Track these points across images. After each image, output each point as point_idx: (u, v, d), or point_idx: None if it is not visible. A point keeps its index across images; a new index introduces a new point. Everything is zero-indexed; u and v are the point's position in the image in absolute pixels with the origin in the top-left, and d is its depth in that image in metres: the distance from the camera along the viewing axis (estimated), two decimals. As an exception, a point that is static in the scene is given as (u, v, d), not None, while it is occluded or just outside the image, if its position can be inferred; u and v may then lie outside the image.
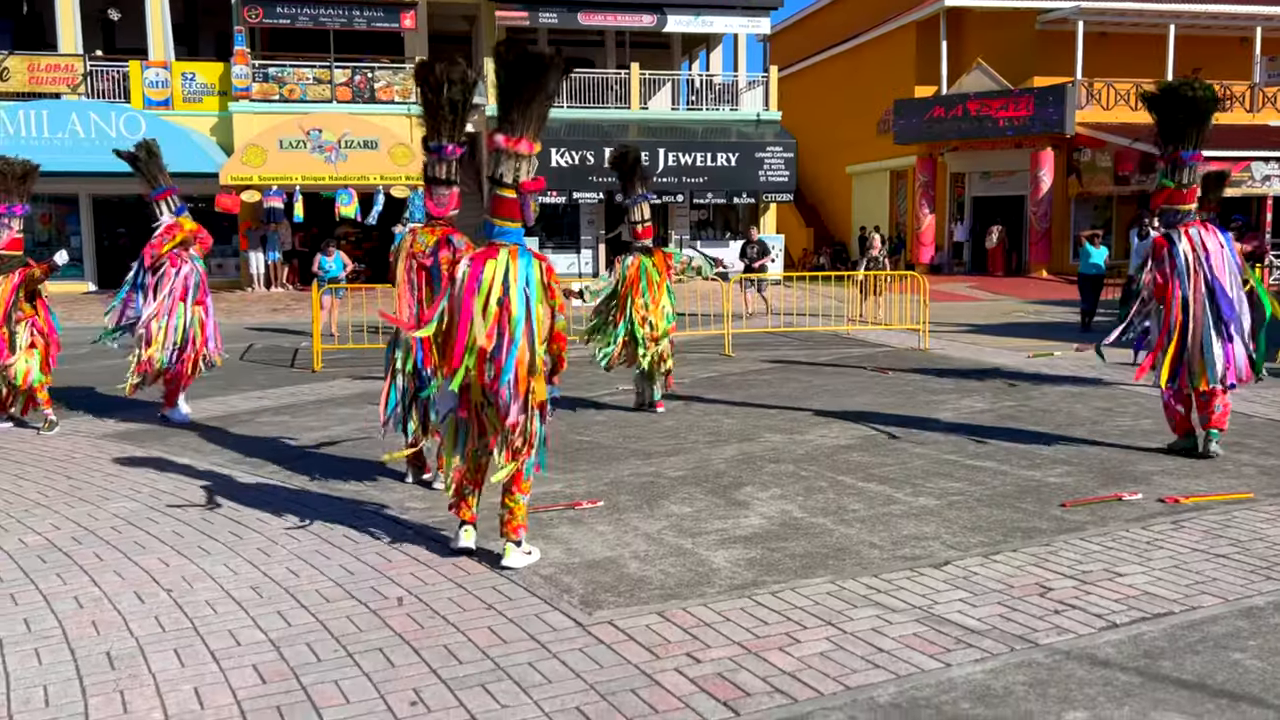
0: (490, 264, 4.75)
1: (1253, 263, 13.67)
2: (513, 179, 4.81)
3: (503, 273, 4.74)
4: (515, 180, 4.81)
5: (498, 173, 4.82)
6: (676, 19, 26.48)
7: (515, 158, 4.82)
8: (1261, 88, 28.62)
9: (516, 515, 4.85)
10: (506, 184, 4.80)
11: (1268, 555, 4.84)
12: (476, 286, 4.71)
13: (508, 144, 4.82)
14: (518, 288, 4.73)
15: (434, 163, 6.11)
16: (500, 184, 4.81)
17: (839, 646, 3.86)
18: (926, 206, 28.81)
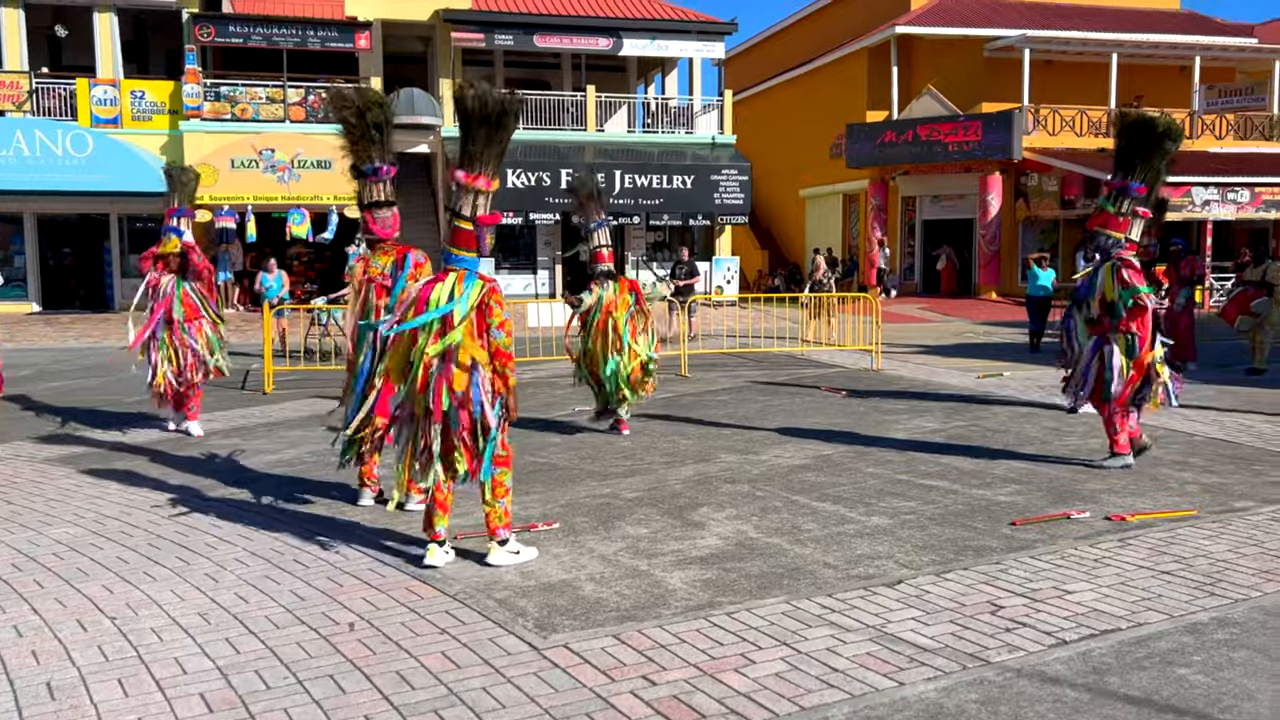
0: (439, 286, 5.07)
1: (1192, 286, 14.01)
2: (470, 212, 5.14)
3: (448, 293, 5.04)
4: (473, 214, 5.15)
5: (457, 205, 5.15)
6: (632, 42, 26.69)
7: (473, 193, 5.16)
8: (1200, 115, 29.44)
9: (491, 519, 5.14)
10: (464, 216, 5.14)
11: (1210, 572, 4.94)
12: (425, 307, 5.02)
13: (467, 180, 5.14)
14: (460, 309, 4.99)
15: (370, 186, 6.20)
16: (459, 216, 5.14)
17: (794, 667, 3.87)
18: (879, 229, 29.19)
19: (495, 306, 5.05)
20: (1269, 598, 4.57)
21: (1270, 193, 27.02)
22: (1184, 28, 30.70)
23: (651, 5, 27.70)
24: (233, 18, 24.05)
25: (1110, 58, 28.31)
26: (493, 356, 5.05)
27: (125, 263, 24.31)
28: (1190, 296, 13.84)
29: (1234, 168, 27.26)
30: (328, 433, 8.08)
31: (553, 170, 25.18)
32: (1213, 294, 25.05)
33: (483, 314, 5.04)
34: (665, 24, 26.87)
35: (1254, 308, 12.92)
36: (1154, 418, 9.47)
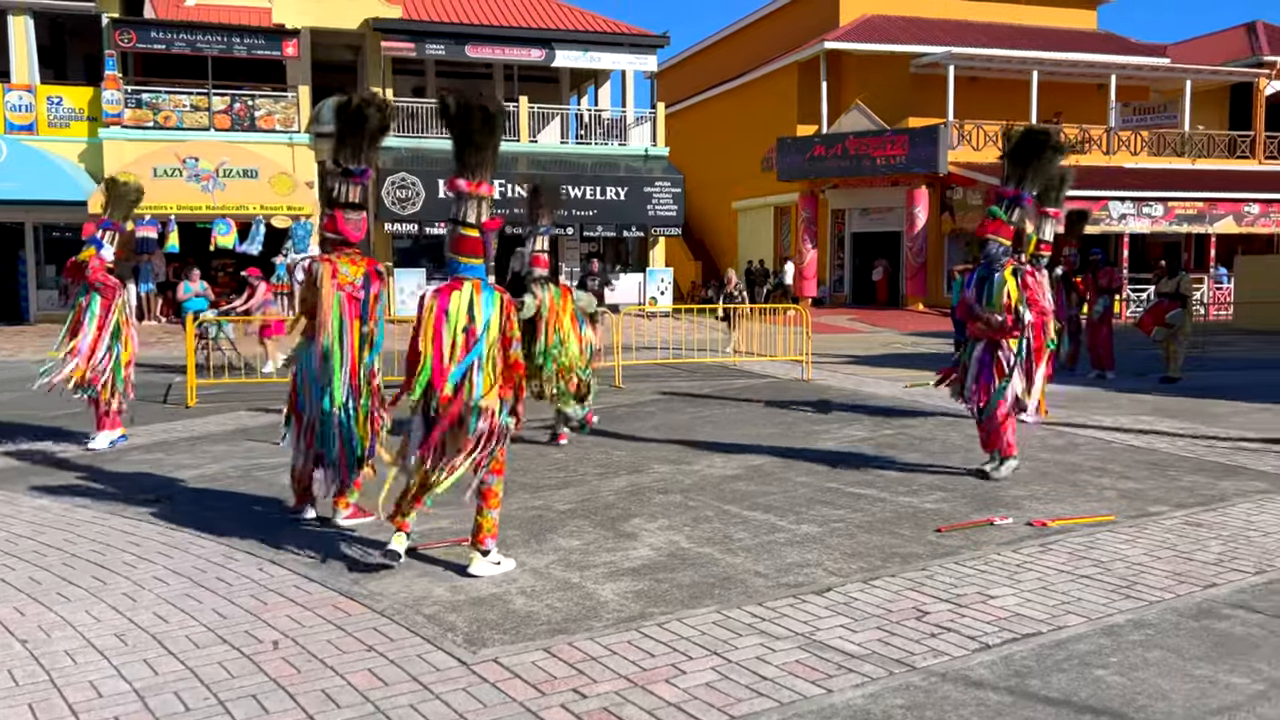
0: (456, 295, 5.13)
1: (1111, 296, 14.44)
2: (476, 219, 5.22)
3: (467, 304, 5.11)
4: (478, 220, 5.22)
5: (461, 214, 5.22)
6: (565, 54, 26.71)
7: (477, 199, 5.23)
8: (1116, 132, 30.41)
9: (483, 527, 5.18)
10: (470, 224, 5.21)
11: (1127, 575, 5.08)
12: (445, 317, 5.07)
13: (470, 188, 5.21)
14: (482, 320, 5.09)
15: (349, 186, 6.11)
16: (464, 224, 5.20)
17: (724, 676, 3.89)
18: (809, 242, 29.59)
19: (513, 320, 5.21)
20: (1182, 600, 4.71)
21: (1182, 207, 28.02)
22: (1101, 47, 31.72)
23: (584, 17, 27.77)
24: (155, 23, 23.51)
25: (1031, 75, 29.11)
26: (508, 370, 5.17)
27: (41, 273, 23.57)
28: (1109, 306, 14.27)
29: (1148, 183, 28.21)
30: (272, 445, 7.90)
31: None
32: (1130, 305, 25.85)
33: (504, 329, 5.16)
34: (598, 36, 26.95)
35: (1169, 319, 13.36)
36: (1074, 425, 9.74)
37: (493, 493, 5.22)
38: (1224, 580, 4.98)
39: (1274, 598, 4.73)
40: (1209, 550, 5.50)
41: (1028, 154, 7.29)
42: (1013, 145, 7.33)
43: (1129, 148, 30.43)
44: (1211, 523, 6.09)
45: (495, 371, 5.11)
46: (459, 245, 5.21)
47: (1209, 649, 4.12)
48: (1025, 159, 7.30)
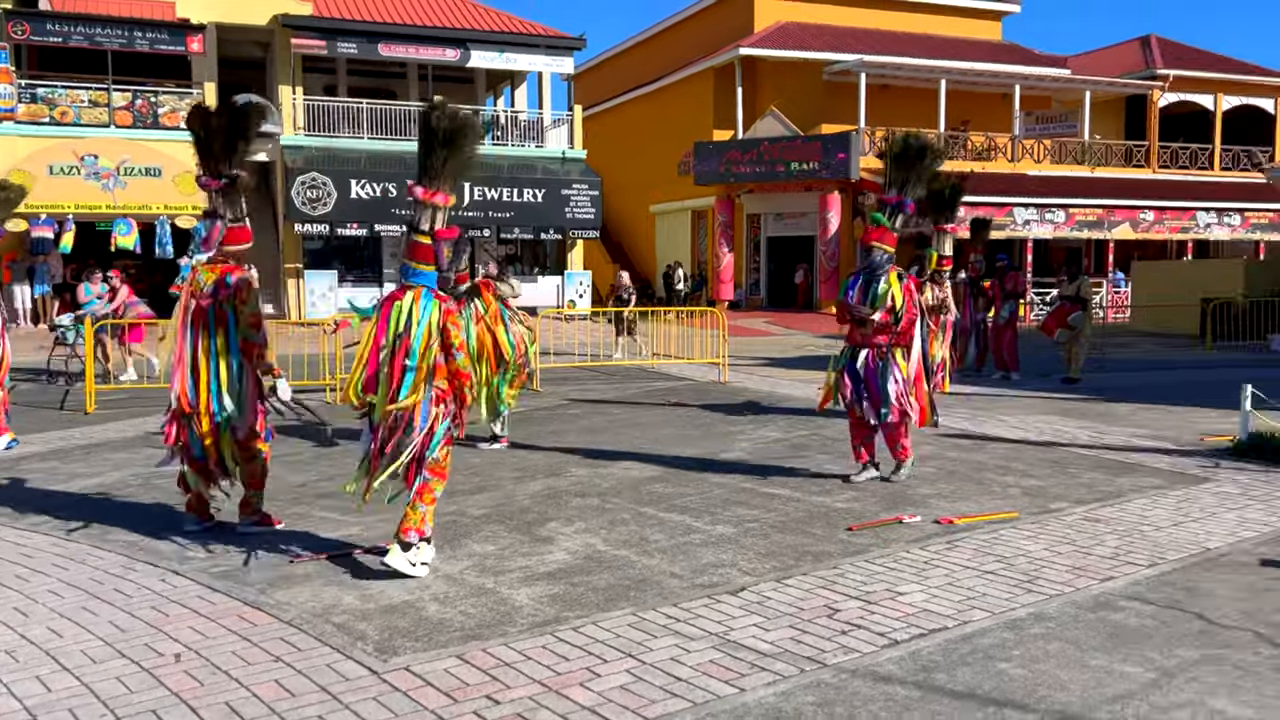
0: (397, 304, 5.18)
1: (1016, 300, 14.89)
2: (429, 227, 5.25)
3: (406, 311, 5.14)
4: (431, 228, 5.24)
5: (416, 221, 5.25)
6: (480, 55, 26.51)
7: (432, 208, 5.27)
8: (1021, 140, 31.40)
9: (409, 518, 5.16)
10: (423, 231, 5.24)
11: (1029, 570, 5.24)
12: (386, 325, 5.13)
13: (425, 196, 5.25)
14: (418, 327, 5.10)
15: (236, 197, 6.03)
16: (417, 230, 5.25)
17: (638, 678, 3.89)
18: (726, 245, 29.87)
19: (452, 329, 5.18)
20: (1080, 593, 4.87)
21: (1083, 214, 29.05)
22: (1005, 58, 32.71)
23: (500, 18, 27.59)
24: (51, 15, 22.63)
25: (940, 84, 29.87)
26: (451, 378, 5.18)
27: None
28: (1014, 310, 14.70)
29: (1051, 190, 29.20)
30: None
31: (399, 181, 24.69)
32: (1034, 308, 26.69)
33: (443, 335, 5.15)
34: (513, 37, 26.81)
35: (1071, 321, 13.83)
36: (980, 425, 10.02)
37: (428, 489, 5.22)
38: (1120, 574, 5.16)
39: (1166, 590, 4.92)
40: (1106, 545, 5.70)
41: (908, 161, 7.36)
42: (894, 152, 7.42)
43: (1032, 156, 31.44)
44: (1109, 518, 6.32)
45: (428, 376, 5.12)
46: (411, 251, 5.28)
47: (1105, 640, 4.26)
48: (906, 166, 7.36)
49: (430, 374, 5.13)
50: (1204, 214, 30.52)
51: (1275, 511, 6.45)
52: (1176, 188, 31.51)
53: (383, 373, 5.12)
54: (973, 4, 34.86)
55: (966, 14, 34.71)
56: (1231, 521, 6.20)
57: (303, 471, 8.01)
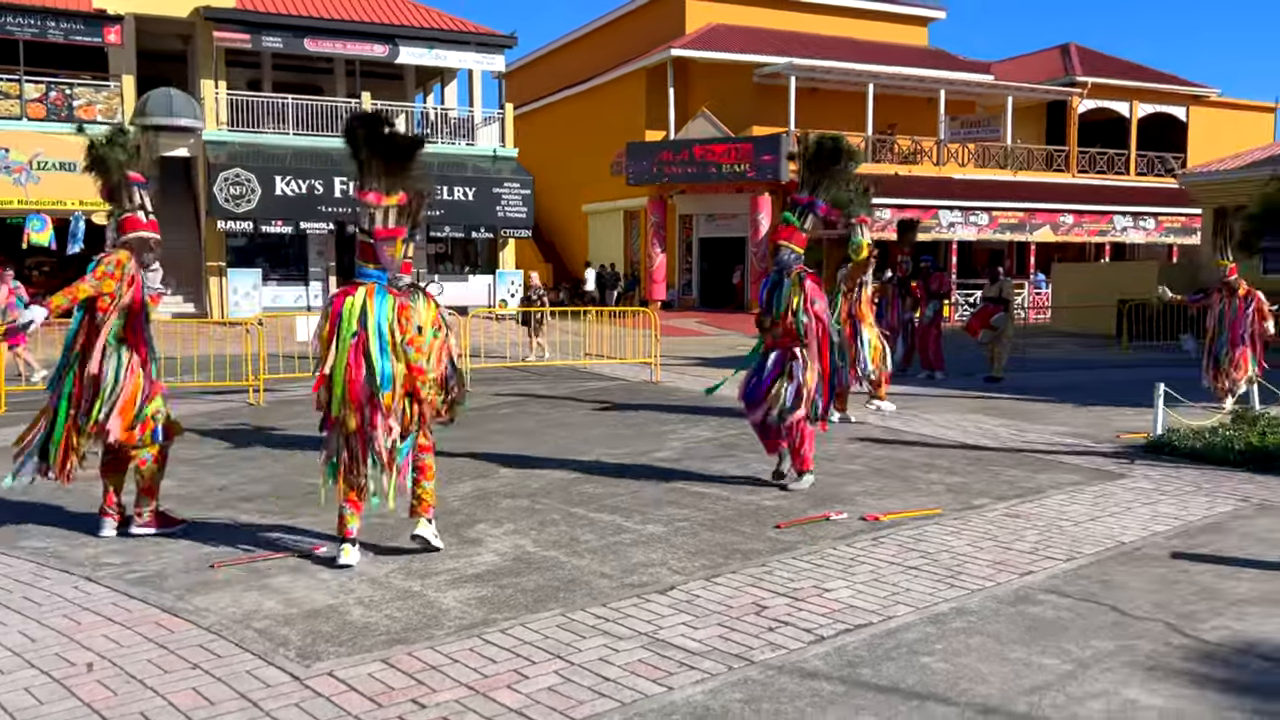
0: (348, 300, 5.30)
1: (940, 300, 15.19)
2: (368, 226, 5.39)
3: (360, 308, 5.27)
4: (370, 228, 5.39)
5: (364, 224, 5.40)
6: (409, 51, 26.19)
7: (384, 209, 5.39)
8: (946, 144, 32.05)
9: (425, 499, 5.54)
10: (365, 231, 5.41)
11: (952, 565, 5.34)
12: (338, 321, 5.26)
13: (378, 200, 5.37)
14: (374, 322, 5.25)
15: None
16: (363, 231, 5.41)
17: (567, 679, 3.87)
18: (658, 246, 29.96)
19: (404, 323, 5.34)
20: (1001, 587, 4.98)
21: (1005, 216, 29.75)
22: (931, 63, 33.35)
23: (430, 15, 27.28)
24: (-42, 2, 21.80)
25: (868, 88, 30.33)
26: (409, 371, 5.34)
27: None
28: (938, 310, 15.00)
29: (975, 193, 29.85)
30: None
31: (325, 178, 24.31)
32: (958, 309, 27.26)
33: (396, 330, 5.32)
34: (443, 34, 26.53)
35: (993, 322, 14.15)
36: (906, 423, 10.19)
37: (429, 466, 5.60)
38: (1039, 568, 5.29)
39: (1082, 583, 5.06)
40: (1026, 540, 5.83)
41: (821, 162, 7.34)
42: (807, 154, 7.41)
43: (957, 159, 32.11)
44: (1029, 514, 6.47)
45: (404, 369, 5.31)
46: (362, 252, 5.42)
47: (1024, 633, 4.37)
48: (819, 167, 7.33)
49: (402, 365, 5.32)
50: (1120, 218, 31.48)
51: (1185, 506, 6.67)
52: (1094, 192, 32.45)
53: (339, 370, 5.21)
54: (899, 10, 35.49)
55: (893, 19, 35.33)
56: (1145, 516, 6.40)
57: (225, 474, 7.82)
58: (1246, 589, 4.96)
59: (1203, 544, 5.76)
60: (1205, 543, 5.79)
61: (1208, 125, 36.12)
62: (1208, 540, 5.84)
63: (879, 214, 27.00)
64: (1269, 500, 6.82)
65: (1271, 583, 5.05)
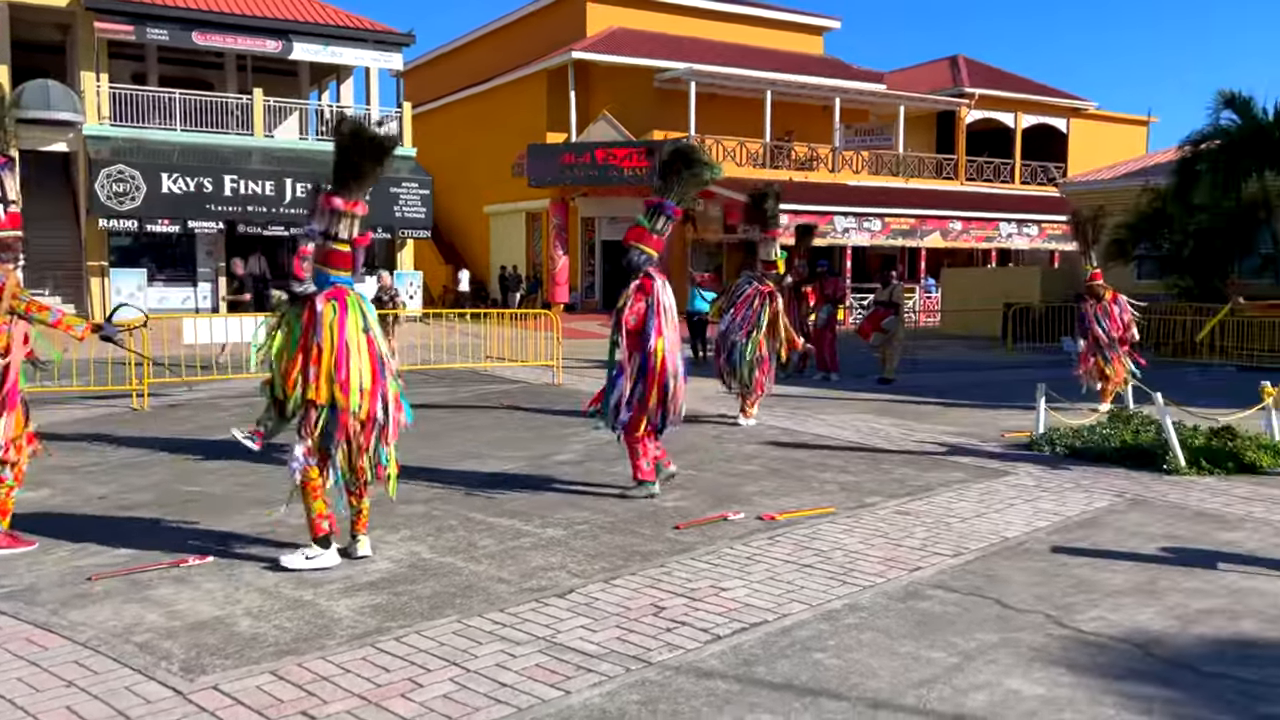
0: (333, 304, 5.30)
1: (835, 304, 15.53)
2: (348, 235, 5.38)
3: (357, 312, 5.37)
4: (350, 237, 5.38)
5: (334, 230, 5.34)
6: (303, 47, 25.58)
7: (352, 218, 5.38)
8: (841, 151, 32.77)
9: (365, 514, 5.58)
10: (343, 239, 5.36)
11: (844, 562, 5.46)
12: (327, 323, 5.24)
13: (348, 207, 5.35)
14: (375, 326, 5.43)
15: None
16: (337, 239, 5.35)
17: (462, 686, 3.83)
18: (560, 248, 29.88)
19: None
20: (891, 583, 5.11)
21: (897, 223, 30.55)
22: (827, 72, 34.04)
23: (325, 10, 26.69)
24: None
25: (765, 95, 30.81)
26: None
27: None
28: (833, 314, 15.34)
29: (868, 200, 30.58)
30: None
31: (215, 176, 23.56)
32: (852, 312, 27.89)
33: None
34: (339, 30, 25.99)
35: (884, 325, 14.53)
36: (802, 423, 10.38)
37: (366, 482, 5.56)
38: (927, 564, 5.45)
39: (969, 578, 5.22)
40: (915, 537, 6.00)
41: (674, 167, 7.43)
42: (663, 159, 7.51)
43: (851, 167, 32.86)
44: (918, 511, 6.66)
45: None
46: (330, 258, 5.35)
47: (913, 627, 4.49)
48: (673, 171, 7.41)
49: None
50: (1006, 224, 32.63)
51: (1065, 502, 6.95)
52: (982, 199, 33.58)
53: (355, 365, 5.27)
54: (796, 19, 36.16)
55: (790, 28, 35.96)
56: (1027, 512, 6.65)
57: (106, 482, 7.50)
58: (1121, 580, 5.19)
59: (1081, 538, 6.01)
60: (1083, 537, 6.05)
61: (1086, 136, 37.80)
62: (1085, 535, 6.10)
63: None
64: (1141, 495, 7.16)
65: (1143, 574, 5.30)
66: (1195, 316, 18.89)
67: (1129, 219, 21.23)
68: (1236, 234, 19.55)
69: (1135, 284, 21.53)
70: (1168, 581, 5.17)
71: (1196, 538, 6.04)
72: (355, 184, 5.38)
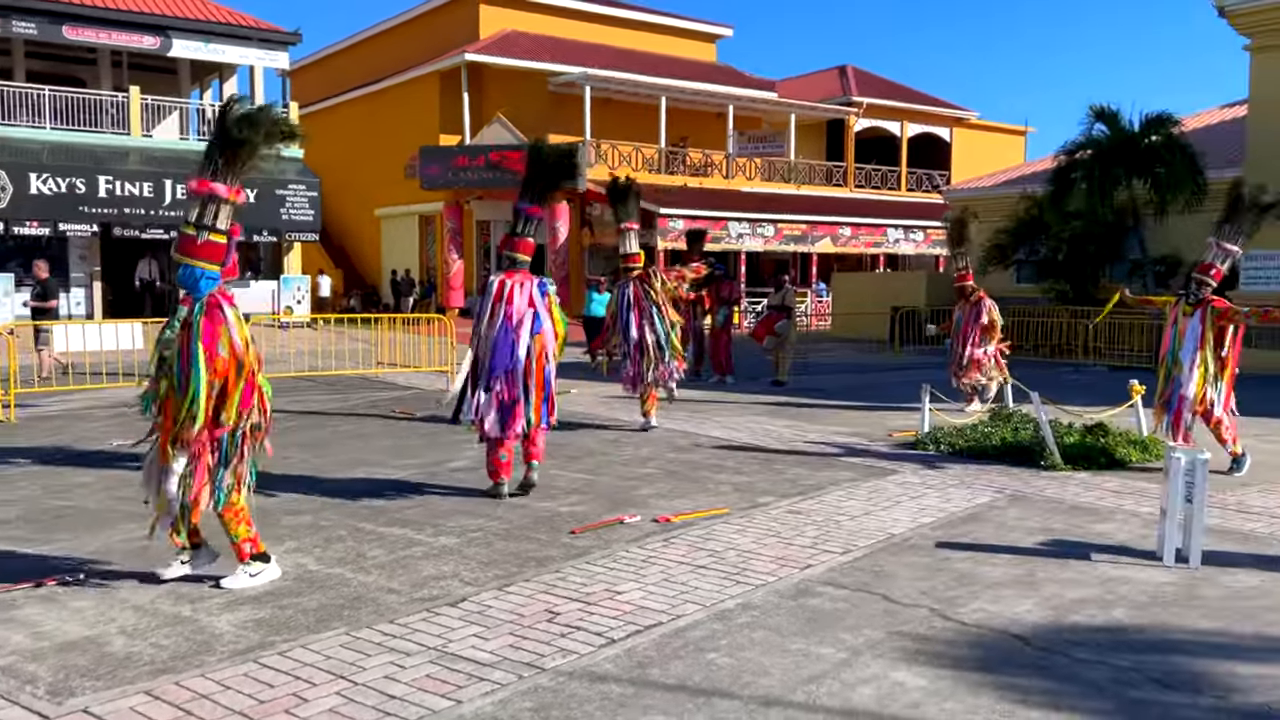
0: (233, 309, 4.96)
1: (730, 307, 15.72)
2: (226, 225, 4.99)
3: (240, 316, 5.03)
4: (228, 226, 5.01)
5: (206, 218, 4.93)
6: (183, 44, 24.69)
7: (234, 206, 5.02)
8: (734, 158, 33.21)
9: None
10: (220, 230, 4.96)
11: (738, 562, 5.52)
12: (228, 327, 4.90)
13: (230, 194, 4.97)
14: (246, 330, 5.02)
15: None
16: (213, 229, 4.94)
17: (349, 700, 3.73)
18: (455, 252, 29.51)
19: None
20: (783, 581, 5.19)
21: (790, 228, 31.12)
22: (720, 79, 34.47)
23: (206, 7, 25.80)
24: None
25: (660, 101, 31.02)
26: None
27: None
28: (728, 317, 15.53)
29: (761, 206, 31.07)
30: None
31: (88, 176, 22.53)
32: (747, 316, 28.28)
33: None
34: (221, 27, 25.16)
35: (777, 329, 14.78)
36: (697, 426, 10.46)
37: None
38: (818, 561, 5.55)
39: (857, 574, 5.33)
40: (806, 535, 6.10)
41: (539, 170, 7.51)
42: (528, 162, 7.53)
43: (745, 173, 33.35)
44: (809, 510, 6.78)
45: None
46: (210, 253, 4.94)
47: (803, 624, 4.56)
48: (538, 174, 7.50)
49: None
50: (893, 230, 33.56)
51: (949, 499, 7.17)
52: (870, 206, 34.48)
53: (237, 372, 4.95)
54: (690, 25, 36.53)
55: (684, 35, 36.30)
56: (913, 509, 6.84)
57: (-35, 499, 7.08)
58: (1001, 573, 5.37)
59: (963, 534, 6.21)
60: (965, 532, 6.24)
61: (969, 145, 39.21)
62: (968, 530, 6.31)
63: (672, 224, 27.71)
64: (1020, 491, 7.44)
65: (1022, 567, 5.50)
66: (1071, 320, 19.76)
67: (1009, 225, 22.09)
68: (1108, 240, 20.52)
69: (1015, 287, 22.40)
70: (1045, 573, 5.37)
71: (1071, 531, 6.30)
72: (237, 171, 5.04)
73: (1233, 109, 23.23)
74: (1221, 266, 8.09)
